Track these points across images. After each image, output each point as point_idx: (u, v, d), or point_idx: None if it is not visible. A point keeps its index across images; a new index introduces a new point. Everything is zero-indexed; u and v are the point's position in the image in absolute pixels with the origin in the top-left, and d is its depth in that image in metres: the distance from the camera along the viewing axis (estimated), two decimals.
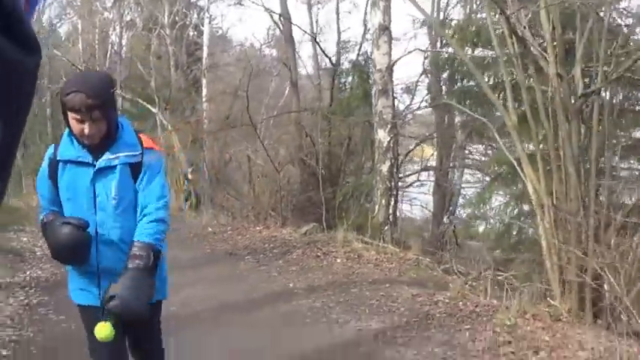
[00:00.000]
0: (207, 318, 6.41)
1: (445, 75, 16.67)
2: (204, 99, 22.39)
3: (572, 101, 7.36)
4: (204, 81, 22.80)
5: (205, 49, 23.28)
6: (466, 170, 18.27)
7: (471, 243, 14.79)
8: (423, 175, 18.82)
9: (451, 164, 17.87)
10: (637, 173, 10.31)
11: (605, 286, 6.06)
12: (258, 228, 12.35)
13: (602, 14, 8.51)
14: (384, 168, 11.57)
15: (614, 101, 9.06)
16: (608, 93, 8.46)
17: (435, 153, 18.61)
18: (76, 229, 2.90)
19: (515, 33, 7.52)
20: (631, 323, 5.36)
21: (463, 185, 18.60)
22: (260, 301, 7.18)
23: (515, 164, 7.85)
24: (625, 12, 10.59)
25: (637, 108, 11.22)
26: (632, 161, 10.79)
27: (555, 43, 7.42)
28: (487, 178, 13.97)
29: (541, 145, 7.70)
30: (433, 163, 18.69)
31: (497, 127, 9.31)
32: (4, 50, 0.64)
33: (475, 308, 6.49)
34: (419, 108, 17.20)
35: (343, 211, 13.38)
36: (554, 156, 7.20)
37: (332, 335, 5.84)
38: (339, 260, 9.15)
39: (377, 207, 11.54)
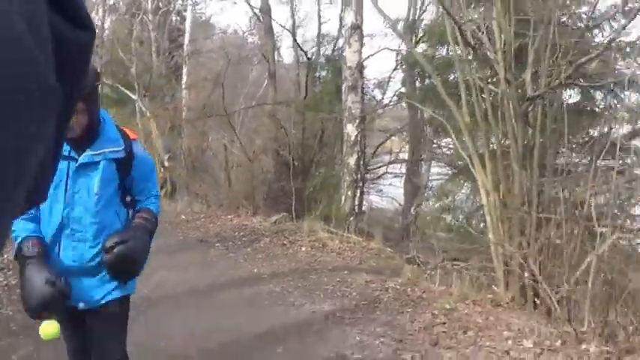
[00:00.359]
0: (177, 301, 6.86)
1: (418, 70, 17.16)
2: (183, 86, 22.61)
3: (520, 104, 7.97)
4: (184, 68, 23.04)
5: (187, 35, 23.37)
6: (439, 163, 18.78)
7: (439, 234, 15.27)
8: (396, 168, 19.39)
9: (422, 157, 18.44)
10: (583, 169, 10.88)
11: (525, 274, 6.66)
12: (230, 216, 12.77)
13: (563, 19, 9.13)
14: (352, 161, 12.14)
15: (567, 102, 9.68)
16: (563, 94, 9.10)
17: (407, 146, 19.16)
18: (57, 292, 2.81)
19: (468, 42, 8.09)
20: (555, 308, 5.94)
21: (434, 178, 19.09)
22: (226, 286, 7.67)
23: (468, 160, 8.44)
24: (585, 16, 11.18)
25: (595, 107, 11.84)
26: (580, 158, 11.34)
27: (505, 50, 7.99)
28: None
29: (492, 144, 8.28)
30: (404, 155, 19.26)
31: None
32: (61, 30, 0.63)
33: (422, 294, 7.07)
34: (387, 104, 17.71)
35: (312, 202, 13.88)
36: (501, 154, 7.79)
37: (288, 316, 6.37)
38: (303, 249, 9.67)
39: (343, 198, 12.12)
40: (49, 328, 2.90)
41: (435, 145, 17.48)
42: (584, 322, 5.68)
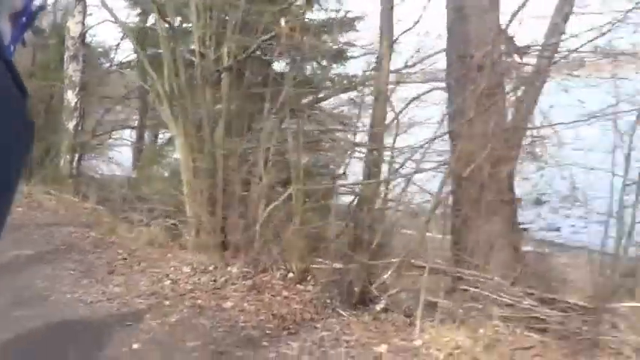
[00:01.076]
0: None
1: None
2: None
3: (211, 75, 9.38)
4: None
5: None
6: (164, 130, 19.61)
7: (152, 196, 16.23)
8: (128, 135, 20.13)
9: (147, 123, 19.38)
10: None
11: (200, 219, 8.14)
12: None
13: None
14: (71, 126, 12.95)
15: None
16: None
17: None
18: None
19: (164, 19, 9.34)
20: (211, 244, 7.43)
21: (161, 143, 19.92)
22: None
23: (169, 126, 9.71)
24: None
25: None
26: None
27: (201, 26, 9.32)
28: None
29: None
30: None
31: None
32: (15, 96, 0.72)
33: (115, 240, 8.30)
34: (109, 72, 18.33)
35: (36, 165, 14.39)
36: (193, 119, 9.12)
37: None
38: (20, 209, 10.33)
39: (62, 162, 12.92)
40: None
41: (158, 113, 18.44)
42: (237, 254, 7.23)
